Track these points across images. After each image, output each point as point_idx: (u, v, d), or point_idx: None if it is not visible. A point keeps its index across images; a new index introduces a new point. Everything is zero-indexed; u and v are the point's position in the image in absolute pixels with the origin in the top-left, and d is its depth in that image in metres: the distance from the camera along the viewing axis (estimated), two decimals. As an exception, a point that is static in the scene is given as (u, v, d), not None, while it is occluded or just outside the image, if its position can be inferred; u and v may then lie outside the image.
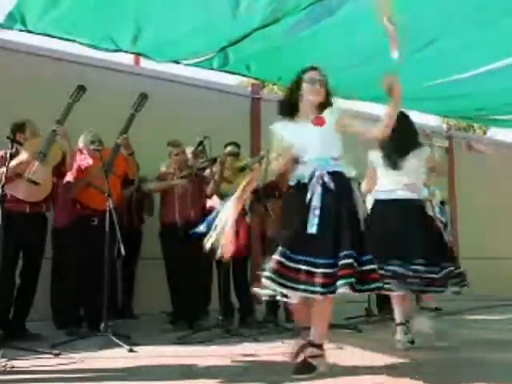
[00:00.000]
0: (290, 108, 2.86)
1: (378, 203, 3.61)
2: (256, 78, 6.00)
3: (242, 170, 4.67)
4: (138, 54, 5.46)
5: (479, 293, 6.25)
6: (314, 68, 2.85)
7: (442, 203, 6.11)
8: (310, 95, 2.79)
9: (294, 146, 2.82)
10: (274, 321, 4.58)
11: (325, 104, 2.82)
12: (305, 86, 2.80)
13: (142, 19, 4.05)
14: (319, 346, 2.69)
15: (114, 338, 3.50)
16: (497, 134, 14.44)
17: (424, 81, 5.35)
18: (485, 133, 16.66)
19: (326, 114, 2.79)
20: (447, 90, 5.53)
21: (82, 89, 3.98)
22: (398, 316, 3.51)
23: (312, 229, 2.60)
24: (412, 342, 3.45)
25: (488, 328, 3.67)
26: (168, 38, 4.38)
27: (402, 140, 3.45)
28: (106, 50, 4.59)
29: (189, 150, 4.76)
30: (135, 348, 3.39)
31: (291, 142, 2.81)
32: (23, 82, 5.22)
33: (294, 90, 2.84)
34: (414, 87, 5.15)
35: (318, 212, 2.62)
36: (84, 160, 4.25)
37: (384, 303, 5.61)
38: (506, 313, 5.71)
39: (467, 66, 5.00)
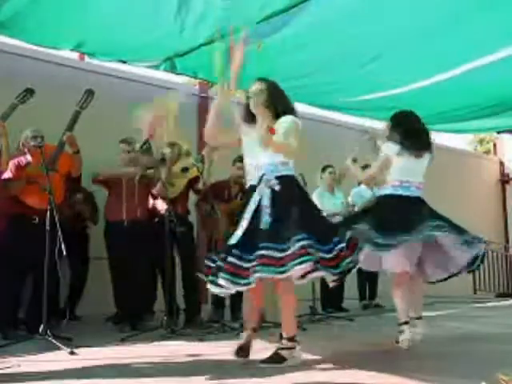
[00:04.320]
0: (248, 115, 3.08)
1: None
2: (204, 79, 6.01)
3: (184, 170, 4.63)
4: (82, 53, 5.37)
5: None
6: (257, 80, 3.07)
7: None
8: (252, 108, 3.03)
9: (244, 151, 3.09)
10: (220, 320, 4.59)
11: (279, 113, 2.97)
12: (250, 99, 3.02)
13: (89, 22, 4.11)
14: (290, 339, 2.83)
15: (55, 341, 3.40)
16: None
17: (362, 94, 5.78)
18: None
19: (277, 123, 2.93)
20: (385, 102, 5.89)
21: (29, 92, 3.90)
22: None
23: (264, 225, 2.76)
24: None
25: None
26: (115, 42, 4.38)
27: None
28: (50, 47, 4.49)
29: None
30: (76, 350, 3.31)
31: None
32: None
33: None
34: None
35: (268, 211, 2.80)
36: (23, 156, 4.10)
37: (328, 301, 5.76)
38: (441, 309, 5.99)
39: (402, 82, 5.39)
